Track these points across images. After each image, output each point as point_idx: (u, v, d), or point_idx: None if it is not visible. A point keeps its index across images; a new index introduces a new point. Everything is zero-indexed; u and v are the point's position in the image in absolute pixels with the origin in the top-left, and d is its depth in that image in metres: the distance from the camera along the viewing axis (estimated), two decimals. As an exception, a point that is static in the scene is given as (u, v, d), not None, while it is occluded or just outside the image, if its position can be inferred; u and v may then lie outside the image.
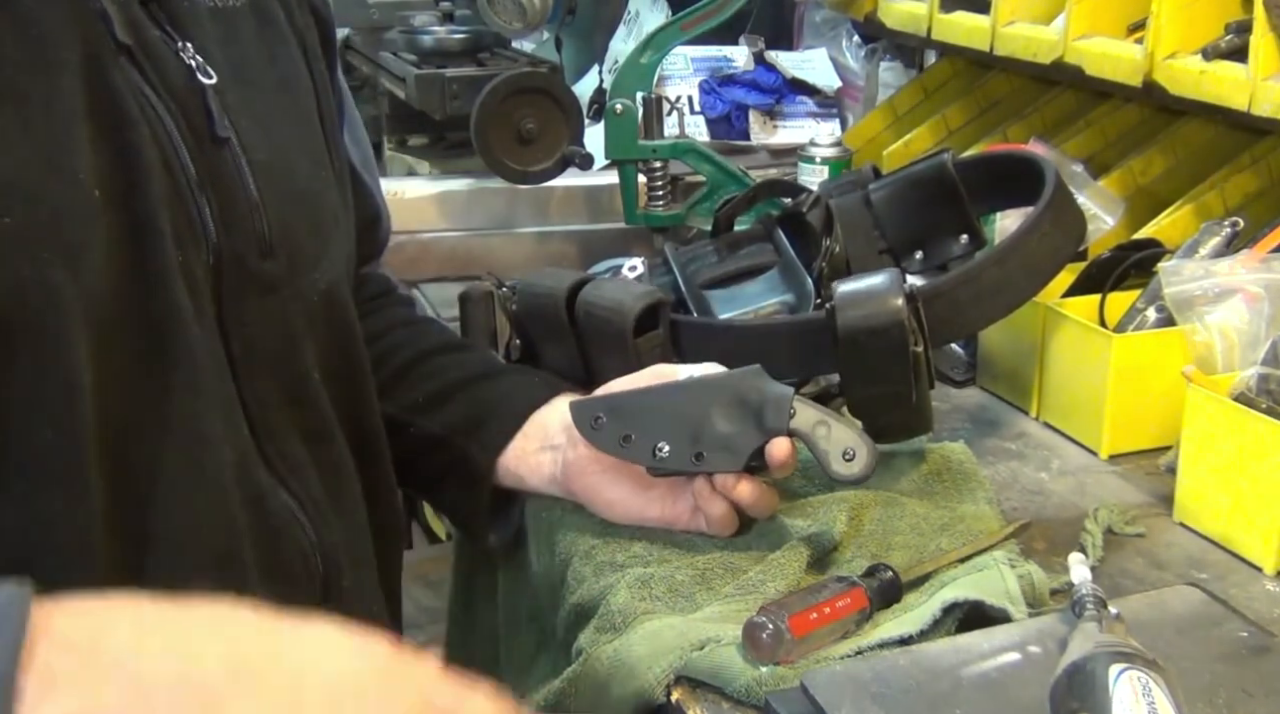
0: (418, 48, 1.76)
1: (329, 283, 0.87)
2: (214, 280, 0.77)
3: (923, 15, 1.62)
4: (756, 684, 0.76)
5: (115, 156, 0.71)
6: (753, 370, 0.91)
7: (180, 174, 0.74)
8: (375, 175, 1.11)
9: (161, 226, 0.72)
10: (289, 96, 0.88)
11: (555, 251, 1.70)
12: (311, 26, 0.93)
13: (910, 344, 0.90)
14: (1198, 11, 1.20)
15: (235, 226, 0.78)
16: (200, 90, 0.77)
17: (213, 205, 0.76)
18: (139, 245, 0.71)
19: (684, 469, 0.90)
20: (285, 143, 0.85)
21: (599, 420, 0.91)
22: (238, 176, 0.78)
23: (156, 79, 0.75)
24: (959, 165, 1.14)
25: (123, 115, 0.72)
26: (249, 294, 0.79)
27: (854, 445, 0.88)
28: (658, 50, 1.58)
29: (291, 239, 0.82)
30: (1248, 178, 1.33)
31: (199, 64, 0.77)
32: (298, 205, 0.84)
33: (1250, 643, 0.79)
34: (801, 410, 0.88)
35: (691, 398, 0.91)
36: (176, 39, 0.77)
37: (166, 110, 0.74)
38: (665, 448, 0.90)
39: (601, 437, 0.91)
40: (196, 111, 0.77)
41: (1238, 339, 1.05)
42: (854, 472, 0.88)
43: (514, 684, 1.07)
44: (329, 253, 0.88)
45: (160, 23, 0.77)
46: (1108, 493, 1.05)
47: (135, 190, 0.71)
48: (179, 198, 0.74)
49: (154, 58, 0.75)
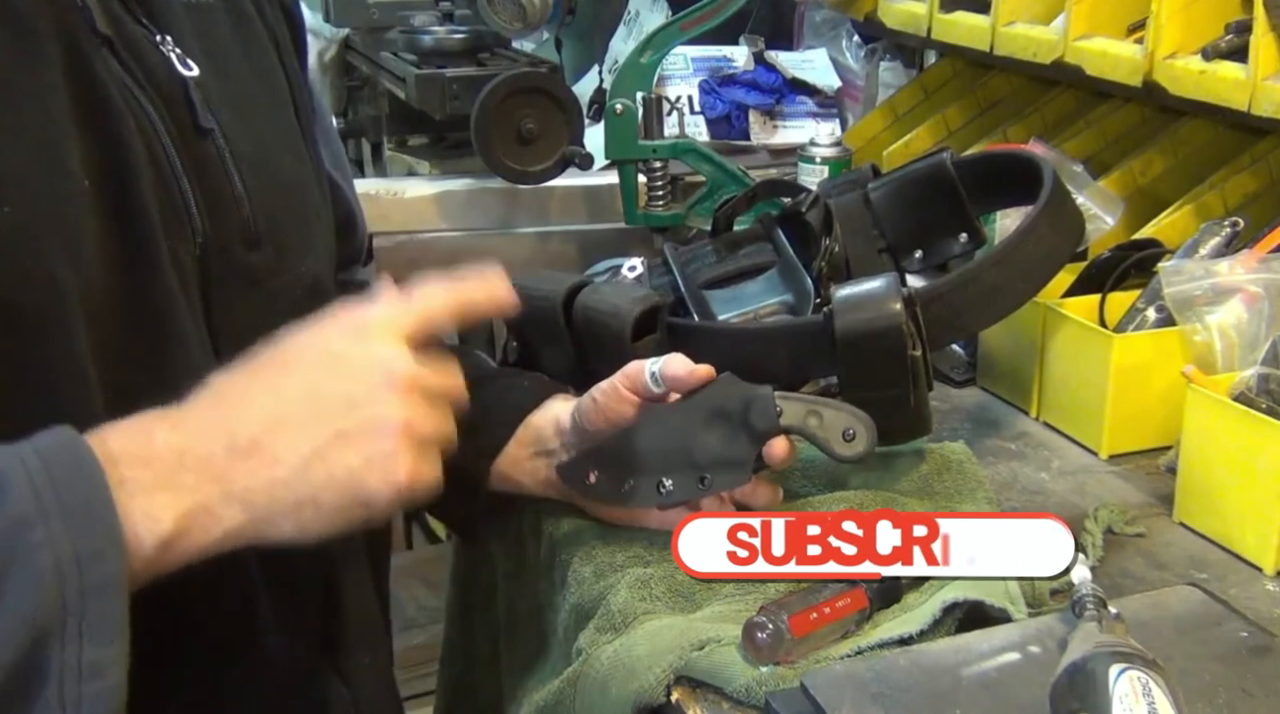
0: (418, 48, 1.76)
1: (314, 277, 0.87)
2: (201, 272, 0.77)
3: (923, 15, 1.62)
4: (756, 684, 0.76)
5: (103, 148, 0.71)
6: (725, 378, 0.89)
7: (166, 165, 0.74)
8: (348, 175, 1.08)
9: (152, 217, 0.72)
10: (266, 90, 0.88)
11: (555, 252, 1.70)
12: (281, 22, 0.93)
13: (908, 348, 0.90)
14: (1198, 11, 1.20)
15: (221, 218, 0.78)
16: (182, 82, 0.77)
17: (198, 196, 0.76)
18: (131, 236, 0.72)
19: (693, 497, 0.89)
20: (267, 135, 0.85)
21: (591, 477, 0.90)
22: (222, 168, 0.78)
23: (139, 71, 0.75)
24: (958, 165, 1.14)
25: (108, 107, 0.72)
26: (237, 286, 0.79)
27: (850, 425, 0.87)
28: (658, 50, 1.58)
29: (277, 231, 0.82)
30: (1248, 178, 1.33)
31: (179, 56, 0.78)
32: (282, 197, 0.84)
33: (1250, 643, 0.79)
34: (787, 406, 0.88)
35: (675, 425, 0.89)
36: (155, 31, 0.77)
37: (150, 102, 0.75)
38: (669, 483, 0.88)
39: (600, 492, 0.90)
40: (179, 103, 0.77)
41: (1238, 339, 1.05)
42: (859, 449, 0.87)
43: (514, 684, 1.07)
44: (314, 245, 0.88)
45: (137, 15, 0.77)
46: (1108, 493, 1.05)
47: (124, 181, 0.72)
48: (165, 189, 0.74)
49: (135, 50, 0.75)
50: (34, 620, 0.56)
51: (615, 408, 0.91)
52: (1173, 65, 1.20)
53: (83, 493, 0.59)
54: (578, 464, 0.91)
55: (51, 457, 0.60)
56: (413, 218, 1.65)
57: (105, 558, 0.58)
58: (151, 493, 0.62)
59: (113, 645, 0.58)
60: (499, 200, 1.69)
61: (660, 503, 0.89)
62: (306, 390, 0.67)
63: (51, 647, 0.57)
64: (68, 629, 0.57)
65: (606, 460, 0.90)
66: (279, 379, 0.67)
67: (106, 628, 0.58)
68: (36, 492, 0.58)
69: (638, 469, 0.89)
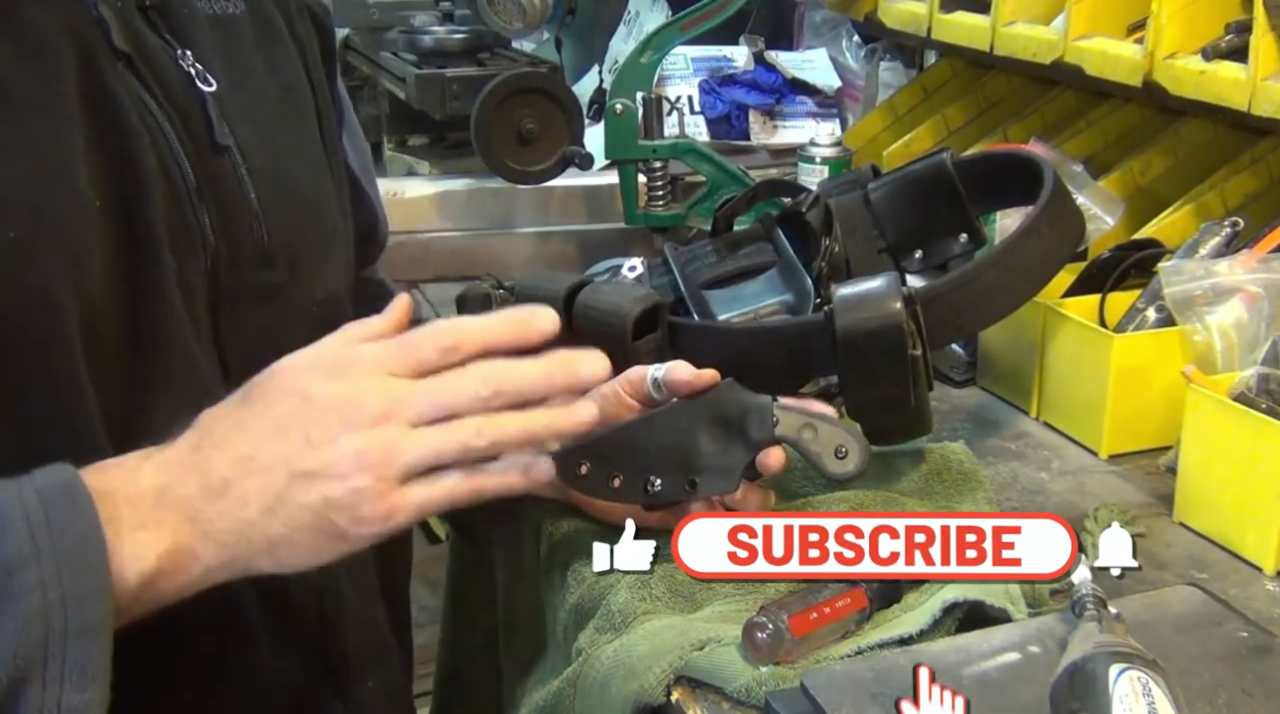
0: (418, 48, 1.76)
1: (328, 292, 0.87)
2: (211, 289, 0.77)
3: (923, 15, 1.62)
4: (756, 684, 0.76)
5: (113, 165, 0.71)
6: (727, 384, 0.90)
7: (179, 182, 0.74)
8: (373, 181, 1.11)
9: (159, 235, 0.72)
10: (289, 104, 0.88)
11: (555, 251, 1.70)
12: (312, 35, 0.93)
13: (909, 348, 0.90)
14: (1198, 11, 1.20)
15: (234, 234, 0.78)
16: (200, 98, 0.77)
17: (212, 213, 0.76)
18: (136, 254, 0.71)
19: (679, 498, 0.89)
20: (286, 150, 0.85)
21: (583, 469, 0.89)
22: (237, 184, 0.78)
23: (156, 87, 0.74)
24: (958, 165, 1.14)
25: (121, 123, 0.72)
26: (247, 303, 0.79)
27: (844, 442, 0.87)
28: (658, 50, 1.58)
29: (292, 247, 0.82)
30: (1248, 178, 1.33)
31: (199, 71, 0.77)
32: (298, 213, 0.84)
33: (1250, 643, 0.79)
34: (784, 417, 0.88)
35: (672, 425, 0.89)
36: (176, 46, 0.77)
37: (166, 118, 0.74)
38: (657, 482, 0.88)
39: (589, 484, 0.90)
40: (196, 119, 0.77)
41: (1238, 339, 1.05)
42: (849, 468, 0.87)
43: (513, 684, 1.07)
44: (329, 262, 0.88)
45: (160, 30, 0.77)
46: (1108, 493, 1.05)
47: (133, 199, 0.71)
48: (178, 206, 0.74)
49: (153, 65, 0.75)
50: (16, 661, 0.57)
51: (615, 413, 0.91)
52: (1173, 65, 1.20)
53: (77, 536, 0.60)
54: (572, 453, 0.91)
55: (50, 497, 0.61)
56: (413, 218, 1.65)
57: (92, 602, 0.59)
58: (136, 531, 0.63)
59: (92, 688, 0.59)
60: (499, 200, 1.69)
61: (647, 501, 0.90)
62: (273, 429, 0.67)
63: (31, 687, 0.58)
64: (49, 671, 0.58)
65: (599, 453, 0.90)
66: (250, 418, 0.67)
67: (87, 671, 0.59)
68: (32, 533, 0.59)
69: (628, 465, 0.89)
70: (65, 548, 0.59)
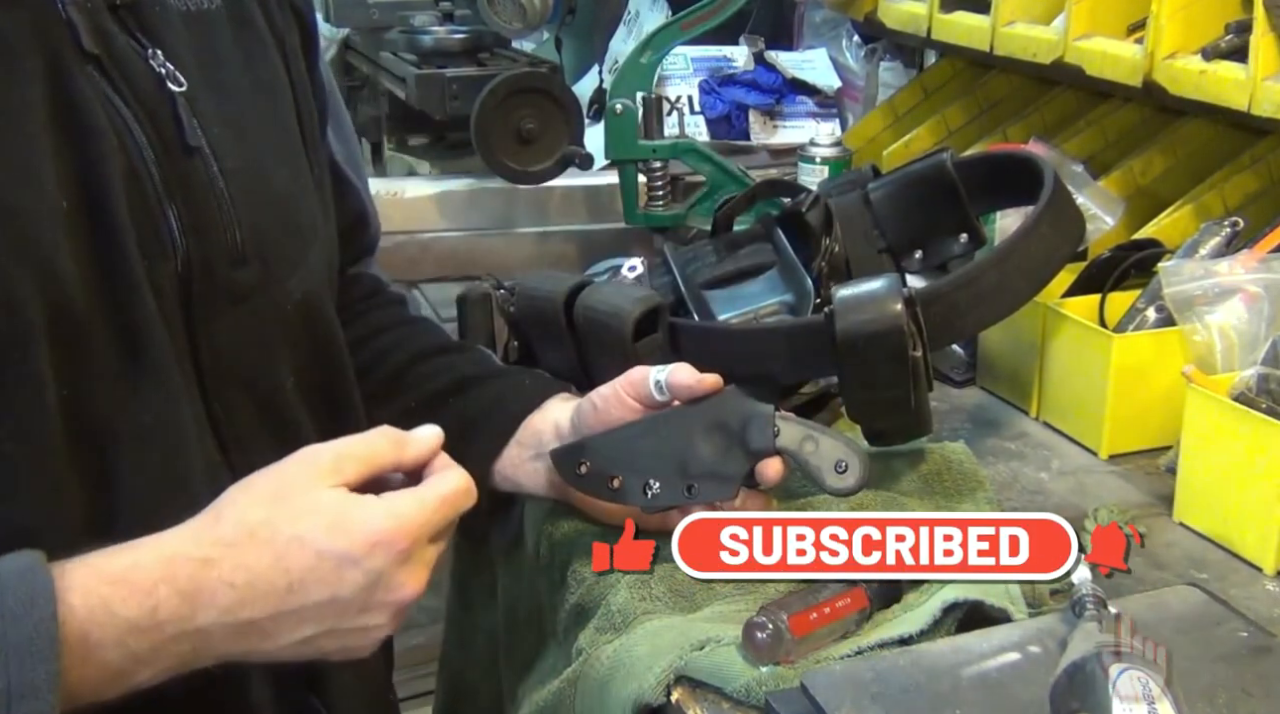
0: (418, 48, 1.76)
1: (305, 292, 0.86)
2: (182, 290, 0.76)
3: (923, 15, 1.62)
4: (756, 684, 0.76)
5: (81, 166, 0.71)
6: (730, 391, 0.90)
7: (148, 183, 0.74)
8: (362, 173, 1.09)
9: (127, 236, 0.72)
10: (266, 101, 0.87)
11: (555, 251, 1.70)
12: (292, 26, 0.92)
13: (909, 348, 0.90)
14: (1198, 11, 1.20)
15: (205, 235, 0.77)
16: (170, 98, 0.76)
17: (182, 214, 0.76)
18: (105, 255, 0.71)
19: (678, 503, 0.89)
20: (260, 148, 0.84)
21: (582, 467, 0.90)
22: (209, 185, 0.78)
23: (125, 87, 0.74)
24: (958, 165, 1.14)
25: (88, 125, 0.71)
26: (219, 303, 0.78)
27: (845, 457, 0.87)
28: (658, 50, 1.58)
29: (266, 247, 0.81)
30: (1248, 178, 1.33)
31: (169, 71, 0.77)
32: (273, 212, 0.83)
33: (1250, 643, 0.79)
34: (786, 428, 0.88)
35: (673, 429, 0.89)
36: (147, 46, 0.77)
37: (135, 119, 0.74)
38: (656, 485, 0.89)
39: (588, 484, 0.90)
40: (166, 120, 0.76)
41: (1237, 339, 1.05)
42: (849, 484, 0.87)
43: (514, 684, 1.07)
44: (306, 260, 0.87)
45: (130, 29, 0.76)
46: (1108, 493, 1.05)
47: (101, 200, 0.71)
48: (146, 207, 0.74)
49: (122, 66, 0.74)
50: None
51: (616, 415, 0.91)
52: (1173, 65, 1.20)
53: (28, 630, 0.61)
54: (572, 451, 0.91)
55: (7, 584, 0.62)
56: (413, 218, 1.65)
57: (38, 696, 0.60)
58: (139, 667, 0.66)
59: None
60: (499, 200, 1.70)
61: (644, 505, 0.90)
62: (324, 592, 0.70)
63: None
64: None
65: (599, 453, 0.90)
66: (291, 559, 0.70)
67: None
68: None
69: (627, 467, 0.89)
70: (16, 640, 0.61)
